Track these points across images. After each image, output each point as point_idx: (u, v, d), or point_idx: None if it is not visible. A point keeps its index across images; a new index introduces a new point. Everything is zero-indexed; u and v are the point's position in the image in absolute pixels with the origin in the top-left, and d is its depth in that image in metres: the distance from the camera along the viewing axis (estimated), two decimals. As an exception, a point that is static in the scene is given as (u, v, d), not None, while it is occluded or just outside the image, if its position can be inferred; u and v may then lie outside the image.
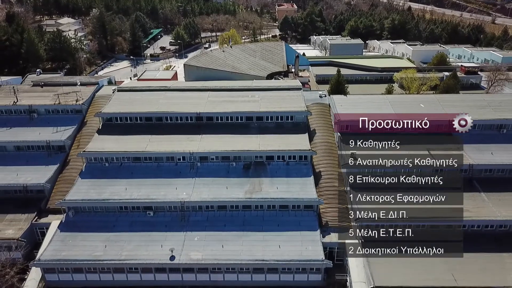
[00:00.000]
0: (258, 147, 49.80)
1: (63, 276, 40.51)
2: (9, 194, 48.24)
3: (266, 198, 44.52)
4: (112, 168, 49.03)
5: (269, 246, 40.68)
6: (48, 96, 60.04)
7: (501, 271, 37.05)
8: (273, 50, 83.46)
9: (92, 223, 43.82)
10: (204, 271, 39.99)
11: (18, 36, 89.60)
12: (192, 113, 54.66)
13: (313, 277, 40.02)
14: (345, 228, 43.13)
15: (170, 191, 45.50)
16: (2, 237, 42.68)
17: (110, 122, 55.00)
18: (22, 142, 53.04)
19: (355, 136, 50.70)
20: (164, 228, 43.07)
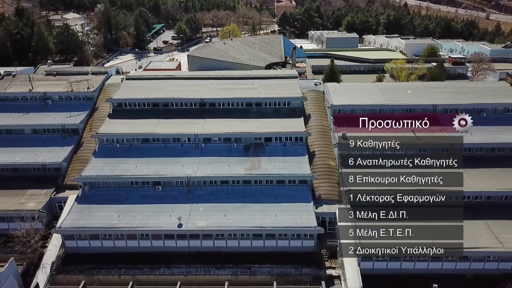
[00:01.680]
0: (257, 129, 54.04)
1: (81, 242, 44.72)
2: (29, 172, 52.43)
3: (264, 173, 48.81)
4: (123, 148, 53.28)
5: (267, 215, 44.94)
6: (61, 84, 64.24)
7: (474, 235, 41.34)
8: (271, 42, 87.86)
9: (106, 197, 48.04)
10: (208, 238, 44.26)
11: (28, 29, 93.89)
12: (196, 99, 58.95)
13: (306, 243, 44.33)
14: (336, 200, 47.66)
15: (177, 168, 49.75)
16: (25, 208, 46.84)
17: (120, 108, 59.25)
18: (39, 126, 57.27)
19: (347, 120, 55.31)
20: (172, 200, 47.31)
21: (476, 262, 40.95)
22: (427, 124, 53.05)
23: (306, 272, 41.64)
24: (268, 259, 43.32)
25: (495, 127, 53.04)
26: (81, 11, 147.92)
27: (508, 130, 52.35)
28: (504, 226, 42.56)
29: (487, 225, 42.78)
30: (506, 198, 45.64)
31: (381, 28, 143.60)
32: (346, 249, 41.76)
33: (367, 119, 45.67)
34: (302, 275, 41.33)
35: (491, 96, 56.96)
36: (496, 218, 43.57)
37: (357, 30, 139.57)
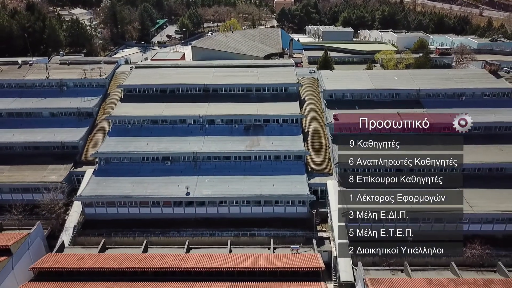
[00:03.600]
0: (256, 112, 59.30)
1: (99, 209, 50.02)
2: (49, 149, 57.65)
3: (263, 150, 54.12)
4: (134, 129, 58.57)
5: (265, 185, 50.24)
6: (75, 72, 69.52)
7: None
8: (270, 35, 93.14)
9: (120, 170, 53.30)
10: (213, 205, 49.59)
11: (40, 23, 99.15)
12: (200, 84, 64.28)
13: (300, 209, 49.67)
14: (327, 173, 53.16)
15: (184, 145, 55.05)
16: (48, 180, 52.09)
17: (130, 93, 64.59)
18: (56, 109, 62.52)
19: (339, 103, 61.04)
20: (180, 173, 52.59)
21: (449, 223, 46.16)
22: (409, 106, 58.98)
23: (300, 234, 46.88)
24: (266, 223, 48.61)
25: (473, 109, 58.04)
26: (87, 7, 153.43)
27: (484, 112, 57.51)
28: (475, 194, 47.74)
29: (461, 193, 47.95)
30: (479, 170, 50.94)
31: (376, 24, 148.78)
32: (336, 215, 47.23)
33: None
34: (296, 236, 46.56)
35: (470, 82, 62.36)
36: (469, 187, 48.64)
37: (353, 25, 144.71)
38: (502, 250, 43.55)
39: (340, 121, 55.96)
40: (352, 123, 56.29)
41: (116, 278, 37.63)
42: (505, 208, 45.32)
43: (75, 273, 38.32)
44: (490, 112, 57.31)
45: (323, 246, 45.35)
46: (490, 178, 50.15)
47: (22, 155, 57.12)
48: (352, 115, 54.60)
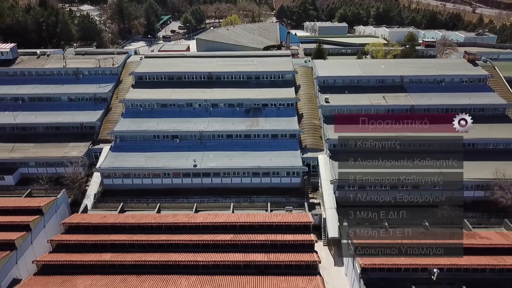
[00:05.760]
0: (256, 96, 65.56)
1: (116, 180, 56.38)
2: (69, 130, 63.88)
3: (261, 129, 60.34)
4: (145, 111, 64.82)
5: (264, 159, 56.52)
6: (89, 62, 75.82)
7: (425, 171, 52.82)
8: (268, 28, 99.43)
9: (134, 147, 59.59)
10: (217, 176, 55.88)
11: (54, 18, 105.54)
12: (205, 72, 70.59)
13: (294, 179, 55.99)
14: (319, 149, 59.39)
15: (191, 125, 61.30)
16: (70, 155, 58.38)
17: (141, 80, 70.87)
18: (74, 94, 68.80)
19: (330, 88, 67.26)
20: (187, 149, 58.84)
21: (425, 190, 52.29)
22: (394, 91, 65.21)
23: (293, 200, 53.16)
24: (264, 192, 54.86)
25: (451, 93, 64.59)
26: (94, 4, 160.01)
27: (461, 96, 63.79)
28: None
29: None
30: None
31: (371, 20, 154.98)
32: (326, 184, 53.53)
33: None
34: (290, 202, 52.79)
35: (450, 69, 68.63)
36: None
37: (349, 21, 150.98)
38: (470, 212, 49.79)
39: (331, 104, 62.59)
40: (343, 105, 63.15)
41: (134, 232, 43.85)
42: (473, 177, 51.52)
43: (100, 228, 44.55)
44: (466, 96, 63.54)
45: (314, 210, 51.54)
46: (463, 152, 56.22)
47: (45, 134, 63.44)
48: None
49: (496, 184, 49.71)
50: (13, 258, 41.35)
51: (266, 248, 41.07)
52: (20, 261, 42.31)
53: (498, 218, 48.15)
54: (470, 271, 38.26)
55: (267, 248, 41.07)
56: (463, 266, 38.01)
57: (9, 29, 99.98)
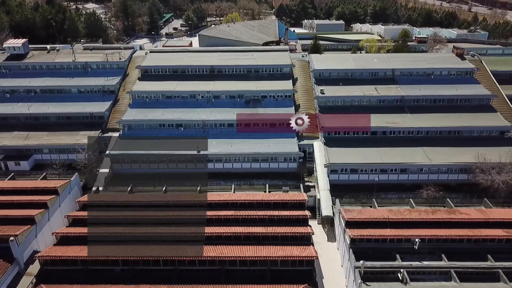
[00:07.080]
0: (255, 88, 69.44)
1: (125, 165, 60.27)
2: (79, 119, 67.93)
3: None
4: (151, 102, 68.76)
5: (263, 146, 60.39)
6: (97, 56, 79.78)
7: (412, 156, 56.81)
8: (267, 25, 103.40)
9: (141, 135, 63.51)
10: (219, 161, 59.82)
11: (61, 15, 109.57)
12: (207, 66, 74.52)
13: (291, 165, 59.95)
14: (314, 137, 63.28)
15: (195, 115, 65.19)
16: (81, 142, 62.21)
17: (147, 73, 74.81)
18: (84, 87, 72.80)
19: (326, 81, 71.07)
20: (191, 137, 62.79)
21: (412, 174, 56.37)
22: (385, 83, 68.91)
23: (290, 183, 57.07)
24: (263, 176, 58.82)
25: (439, 85, 68.43)
26: (98, 2, 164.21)
27: (448, 87, 67.67)
28: (435, 151, 57.79)
29: (423, 151, 58.12)
30: (440, 133, 60.93)
31: (368, 18, 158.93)
32: (320, 168, 57.46)
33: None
34: (287, 184, 56.67)
35: (439, 63, 72.53)
36: (431, 146, 58.82)
37: (347, 19, 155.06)
38: (454, 193, 53.73)
39: (326, 95, 66.49)
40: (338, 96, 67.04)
41: (144, 208, 47.68)
42: (457, 161, 55.45)
43: (112, 205, 48.42)
44: (453, 88, 67.47)
45: (309, 192, 55.48)
46: (449, 139, 60.19)
47: (57, 123, 67.51)
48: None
49: (477, 167, 53.51)
50: (33, 232, 45.27)
51: (265, 223, 44.87)
52: (39, 235, 46.25)
53: (479, 198, 52.03)
54: (449, 242, 42.08)
55: (265, 223, 44.87)
56: (442, 237, 41.80)
57: (18, 26, 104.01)
